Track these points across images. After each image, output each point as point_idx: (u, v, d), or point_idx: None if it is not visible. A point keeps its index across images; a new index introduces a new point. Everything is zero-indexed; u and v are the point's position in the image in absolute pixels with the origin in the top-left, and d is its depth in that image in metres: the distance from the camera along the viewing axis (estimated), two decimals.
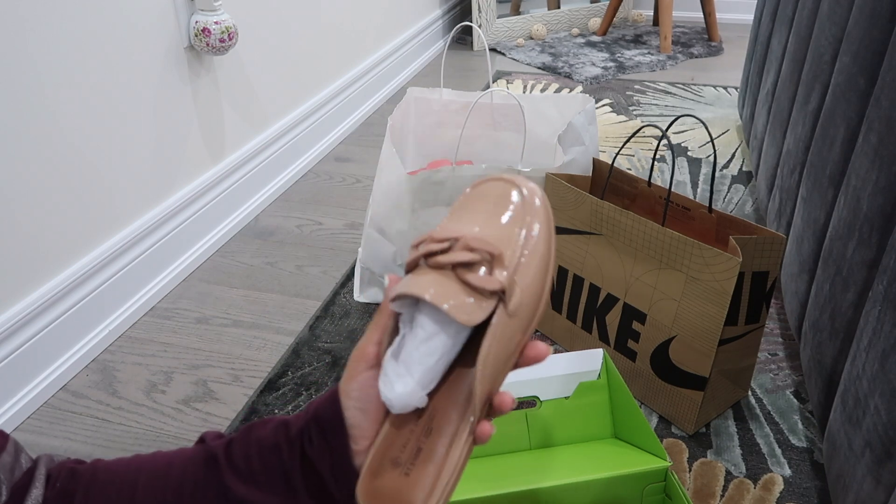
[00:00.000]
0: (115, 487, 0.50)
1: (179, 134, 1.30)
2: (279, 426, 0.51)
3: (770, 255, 0.88)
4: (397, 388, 0.46)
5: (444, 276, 0.46)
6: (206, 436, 0.53)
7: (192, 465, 0.51)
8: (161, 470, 0.51)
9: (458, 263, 0.46)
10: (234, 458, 0.50)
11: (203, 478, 0.50)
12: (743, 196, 1.56)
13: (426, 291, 0.45)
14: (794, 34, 1.24)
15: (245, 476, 0.49)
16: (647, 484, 0.77)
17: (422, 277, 0.46)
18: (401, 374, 0.47)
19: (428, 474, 0.47)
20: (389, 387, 0.47)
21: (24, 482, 0.49)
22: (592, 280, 1.03)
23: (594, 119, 1.19)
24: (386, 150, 1.15)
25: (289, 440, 0.50)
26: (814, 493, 0.87)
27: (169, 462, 0.51)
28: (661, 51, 2.54)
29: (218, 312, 1.23)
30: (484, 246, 0.47)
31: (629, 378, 1.01)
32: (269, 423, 0.52)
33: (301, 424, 0.51)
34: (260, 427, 0.52)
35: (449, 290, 0.45)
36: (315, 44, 1.76)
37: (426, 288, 0.45)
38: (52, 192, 1.04)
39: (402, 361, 0.47)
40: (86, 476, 0.51)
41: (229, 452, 0.51)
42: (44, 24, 0.99)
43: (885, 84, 0.74)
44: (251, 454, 0.50)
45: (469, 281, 0.46)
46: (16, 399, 1.00)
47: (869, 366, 0.67)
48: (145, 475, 0.51)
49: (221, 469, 0.50)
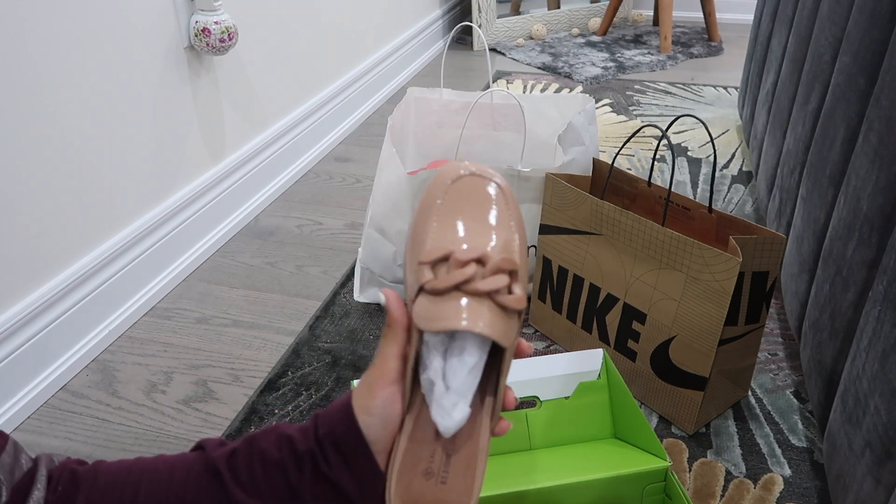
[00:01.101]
0: (116, 491, 0.50)
1: (179, 134, 1.30)
2: (282, 440, 0.51)
3: (770, 255, 0.88)
4: (456, 417, 0.48)
5: (477, 301, 0.47)
6: (206, 444, 0.53)
7: (194, 473, 0.50)
8: (163, 476, 0.50)
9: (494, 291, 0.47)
10: (237, 471, 0.50)
11: (206, 489, 0.50)
12: (743, 196, 1.56)
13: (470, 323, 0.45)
14: (794, 34, 1.24)
15: (250, 490, 0.49)
16: (647, 484, 0.77)
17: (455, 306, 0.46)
18: (456, 403, 0.48)
19: (466, 478, 0.49)
20: (448, 417, 0.47)
21: (24, 483, 0.48)
22: (592, 280, 1.03)
23: (594, 119, 1.19)
24: (386, 150, 1.15)
25: (296, 457, 0.50)
26: (814, 493, 0.87)
27: (171, 468, 0.51)
28: (661, 51, 2.54)
29: (218, 312, 1.23)
30: (509, 266, 0.48)
31: (629, 378, 1.01)
32: (270, 435, 0.51)
33: (311, 444, 0.50)
34: (262, 439, 0.51)
35: (493, 318, 0.46)
36: (315, 44, 1.76)
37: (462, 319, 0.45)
38: (53, 192, 1.04)
39: (455, 390, 0.48)
40: (87, 479, 0.50)
41: (233, 465, 0.50)
42: (44, 24, 0.99)
43: (885, 84, 0.74)
44: (255, 468, 0.50)
45: (505, 304, 0.47)
46: (16, 399, 1.00)
47: (869, 366, 0.67)
48: (147, 480, 0.50)
49: (226, 481, 0.49)
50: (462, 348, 0.47)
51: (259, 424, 0.99)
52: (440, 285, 0.47)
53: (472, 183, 0.52)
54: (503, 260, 0.48)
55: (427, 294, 0.47)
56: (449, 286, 0.47)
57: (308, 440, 0.50)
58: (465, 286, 0.47)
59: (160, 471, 0.51)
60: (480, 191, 0.52)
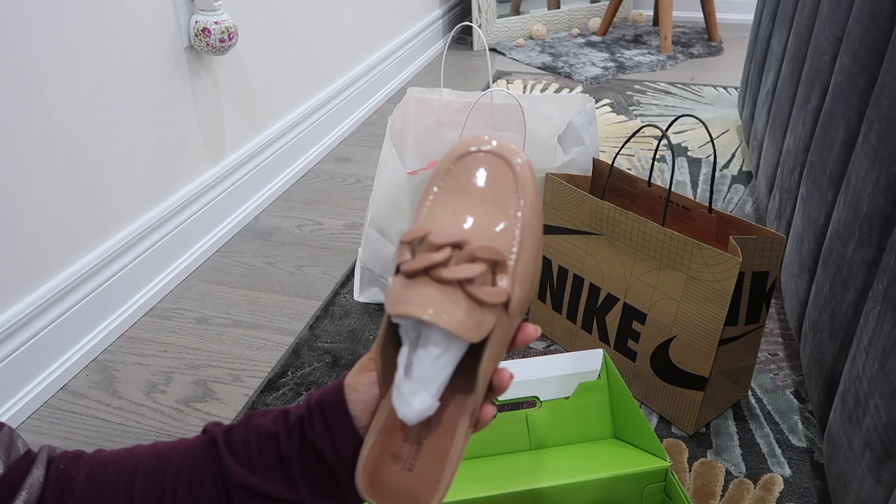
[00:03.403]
0: (116, 468, 0.51)
1: (179, 134, 1.30)
2: (279, 415, 0.52)
3: (770, 255, 0.88)
4: (415, 405, 0.45)
5: (448, 290, 0.43)
6: (208, 425, 0.54)
7: (192, 450, 0.52)
8: (163, 454, 0.52)
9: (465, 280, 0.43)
10: (233, 443, 0.51)
11: (202, 460, 0.51)
12: (743, 196, 1.56)
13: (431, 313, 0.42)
14: (794, 34, 1.24)
15: (243, 460, 0.51)
16: (647, 484, 0.77)
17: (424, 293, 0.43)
18: (416, 391, 0.45)
19: (434, 470, 0.47)
20: (406, 405, 0.45)
21: (24, 463, 0.49)
22: (592, 280, 1.03)
23: (594, 119, 1.19)
24: (386, 150, 1.15)
25: (287, 428, 0.51)
26: (814, 493, 0.87)
27: (171, 448, 0.53)
28: (661, 51, 2.54)
29: (218, 312, 1.23)
30: (489, 255, 0.44)
31: (629, 378, 1.01)
32: (269, 412, 0.53)
33: (301, 412, 0.51)
34: (260, 416, 0.53)
35: (457, 309, 0.42)
36: (315, 44, 1.76)
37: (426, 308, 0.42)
38: (53, 192, 1.04)
39: (417, 379, 0.45)
40: (89, 460, 0.52)
41: (229, 438, 0.52)
42: (43, 24, 0.99)
43: (885, 84, 0.74)
44: (250, 440, 0.51)
45: (478, 297, 0.43)
46: (16, 399, 1.01)
47: (869, 366, 0.67)
48: (146, 458, 0.52)
49: (220, 452, 0.51)
50: (427, 337, 0.45)
51: None
52: (408, 267, 0.43)
53: (485, 160, 0.48)
54: (483, 248, 0.44)
55: (400, 276, 0.45)
56: (416, 269, 0.43)
57: (300, 409, 0.52)
58: (433, 272, 0.43)
59: (160, 450, 0.53)
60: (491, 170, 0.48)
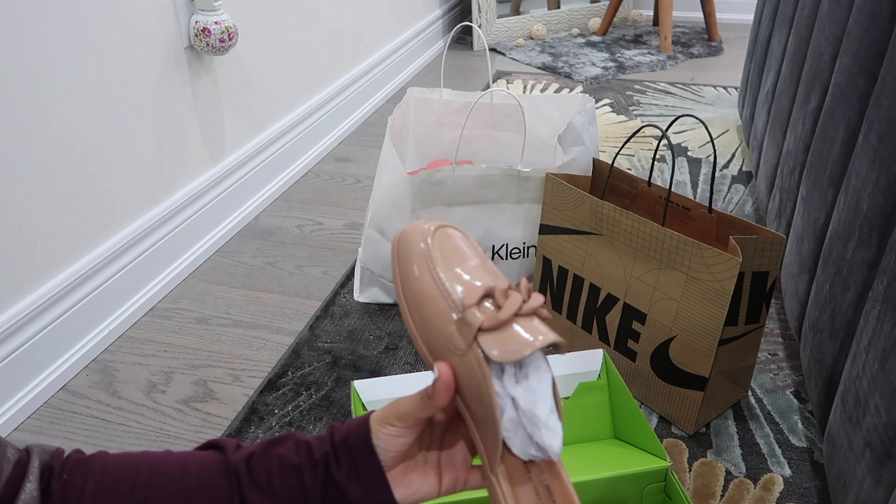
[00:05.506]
0: (126, 484, 0.50)
1: (179, 134, 1.30)
2: (301, 446, 0.52)
3: (770, 255, 0.88)
4: (561, 432, 0.49)
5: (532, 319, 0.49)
6: (225, 445, 0.53)
7: (207, 473, 0.51)
8: (175, 473, 0.51)
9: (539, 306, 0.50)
10: (254, 473, 0.51)
11: (220, 487, 0.50)
12: (743, 196, 1.56)
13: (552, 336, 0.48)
14: (794, 34, 1.24)
15: (265, 491, 0.50)
16: (647, 484, 0.77)
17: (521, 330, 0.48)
18: (557, 419, 0.49)
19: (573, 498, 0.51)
20: (558, 435, 0.49)
21: (15, 477, 0.47)
22: (592, 280, 1.03)
23: (594, 119, 1.19)
24: (386, 150, 1.15)
25: (312, 462, 0.51)
26: (814, 493, 0.87)
27: (182, 466, 0.51)
28: (661, 51, 2.54)
29: (218, 312, 1.23)
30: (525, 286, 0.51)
31: (629, 378, 1.01)
32: (286, 439, 0.53)
33: (327, 448, 0.51)
34: (279, 444, 0.52)
35: (545, 328, 0.49)
36: (315, 44, 1.76)
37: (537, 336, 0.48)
38: (53, 193, 1.04)
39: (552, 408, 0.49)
40: (96, 468, 0.50)
41: (250, 466, 0.51)
42: (43, 25, 0.99)
43: (885, 84, 0.74)
44: (272, 472, 0.51)
45: (543, 315, 0.50)
46: (16, 399, 1.00)
47: (869, 366, 0.67)
48: (158, 476, 0.51)
49: (242, 482, 0.50)
50: (538, 366, 0.49)
51: (259, 424, 0.99)
52: (503, 316, 0.48)
53: (441, 235, 0.56)
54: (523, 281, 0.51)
55: (488, 332, 0.49)
56: (510, 315, 0.48)
57: (324, 445, 0.51)
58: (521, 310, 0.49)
59: (171, 467, 0.51)
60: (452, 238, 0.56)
